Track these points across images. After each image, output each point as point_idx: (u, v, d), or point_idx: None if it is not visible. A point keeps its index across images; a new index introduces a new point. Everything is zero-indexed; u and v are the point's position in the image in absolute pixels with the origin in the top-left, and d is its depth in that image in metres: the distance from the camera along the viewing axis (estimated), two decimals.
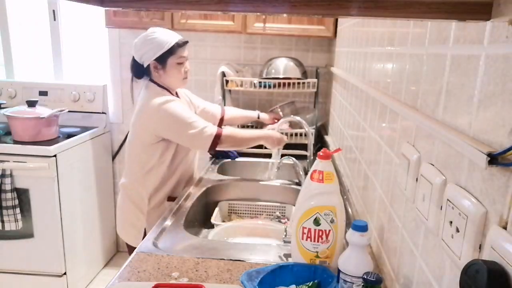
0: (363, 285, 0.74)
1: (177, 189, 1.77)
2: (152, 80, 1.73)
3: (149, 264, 1.07)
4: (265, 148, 2.14)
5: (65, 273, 2.37)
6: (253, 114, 2.20)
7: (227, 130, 1.69)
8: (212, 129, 1.64)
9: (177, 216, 1.42)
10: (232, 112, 2.11)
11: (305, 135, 2.03)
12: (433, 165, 0.69)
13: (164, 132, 1.65)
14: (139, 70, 1.73)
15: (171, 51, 1.66)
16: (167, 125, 1.63)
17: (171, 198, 1.74)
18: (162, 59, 1.67)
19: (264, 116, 2.22)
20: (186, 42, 1.73)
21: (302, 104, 2.68)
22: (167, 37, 1.67)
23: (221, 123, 2.01)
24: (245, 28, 2.34)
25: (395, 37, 1.00)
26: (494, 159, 0.47)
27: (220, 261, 1.10)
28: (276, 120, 2.21)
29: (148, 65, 1.69)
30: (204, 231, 1.60)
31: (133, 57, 1.72)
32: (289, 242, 1.09)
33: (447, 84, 0.65)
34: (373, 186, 1.14)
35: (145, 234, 1.72)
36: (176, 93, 1.82)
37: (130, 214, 1.78)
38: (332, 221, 0.99)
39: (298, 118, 1.91)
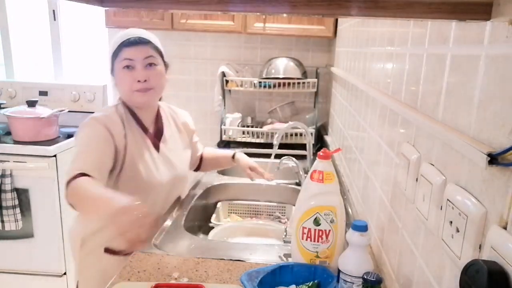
0: (363, 285, 0.74)
1: (122, 241, 1.17)
2: (120, 97, 1.38)
3: (149, 264, 1.07)
4: (264, 148, 2.14)
5: (65, 273, 2.37)
6: (228, 153, 1.65)
7: (85, 178, 1.11)
8: (73, 174, 1.11)
9: (177, 216, 1.42)
10: (208, 151, 1.67)
11: (301, 134, 2.01)
12: (433, 165, 0.69)
13: None
14: None
15: (116, 53, 1.28)
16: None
17: (110, 251, 1.30)
18: (111, 64, 1.32)
19: (241, 157, 1.62)
20: (134, 43, 1.26)
21: (302, 104, 2.68)
22: (120, 36, 1.30)
23: (200, 163, 1.63)
24: (245, 28, 2.34)
25: (395, 37, 1.00)
26: (494, 159, 0.47)
27: (220, 261, 1.10)
28: (253, 171, 1.59)
29: None
30: (204, 231, 1.60)
31: None
32: (289, 242, 1.09)
33: (447, 84, 0.65)
34: (373, 186, 1.14)
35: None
36: (158, 115, 1.40)
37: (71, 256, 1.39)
38: (332, 221, 0.99)
39: (293, 123, 1.83)
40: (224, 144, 2.41)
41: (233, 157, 1.63)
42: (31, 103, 2.39)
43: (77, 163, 1.15)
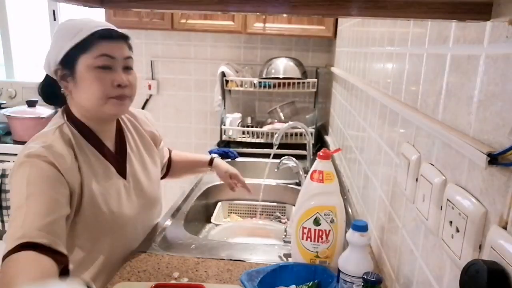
0: (363, 285, 0.74)
1: (98, 279, 1.04)
2: (67, 111, 1.05)
3: (149, 264, 1.07)
4: (264, 148, 2.14)
5: None
6: (203, 158, 1.51)
7: (19, 260, 0.77)
8: (12, 246, 0.79)
9: (177, 216, 1.42)
10: (179, 155, 1.48)
11: (301, 134, 2.01)
12: (433, 165, 0.69)
13: None
14: (47, 89, 1.08)
15: (84, 46, 0.98)
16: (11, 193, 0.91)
17: None
18: (69, 60, 0.99)
19: (221, 163, 1.50)
20: (116, 36, 1.01)
21: (302, 104, 2.68)
22: (86, 24, 0.99)
23: (169, 167, 1.44)
24: (245, 28, 2.34)
25: (395, 37, 1.00)
26: (494, 159, 0.47)
27: (220, 261, 1.10)
28: (234, 179, 1.53)
29: (58, 78, 1.03)
30: (204, 230, 1.60)
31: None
32: (289, 242, 1.09)
33: (447, 84, 0.65)
34: (373, 186, 1.14)
35: None
36: (119, 131, 1.13)
37: None
38: (332, 221, 0.99)
39: (289, 123, 1.84)
40: (224, 144, 2.41)
41: (210, 163, 1.49)
42: (31, 103, 2.39)
43: (17, 227, 0.81)
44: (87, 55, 0.98)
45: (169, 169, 1.43)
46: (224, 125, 2.45)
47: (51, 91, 1.07)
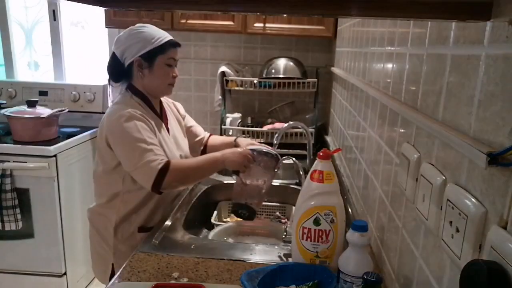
0: (363, 285, 0.74)
1: (152, 218, 1.50)
2: (130, 86, 1.51)
3: (149, 264, 1.07)
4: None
5: (65, 273, 2.37)
6: (230, 140, 1.81)
7: (175, 161, 1.39)
8: (160, 162, 1.33)
9: (177, 216, 1.42)
10: (213, 139, 1.84)
11: (301, 134, 2.01)
12: (433, 165, 0.69)
13: (117, 154, 1.40)
14: (117, 70, 1.50)
15: (161, 49, 1.45)
16: (118, 146, 1.39)
17: (143, 229, 1.47)
18: (149, 56, 1.44)
19: (241, 141, 1.76)
20: (179, 45, 1.51)
21: (302, 104, 2.68)
22: (159, 33, 1.47)
23: (204, 150, 1.77)
24: (245, 28, 2.34)
25: (395, 37, 1.00)
26: (494, 159, 0.47)
27: (220, 261, 1.10)
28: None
29: (130, 65, 1.46)
30: (204, 231, 1.60)
31: (113, 54, 1.49)
32: (289, 242, 1.09)
33: (447, 84, 0.65)
34: (373, 186, 1.14)
35: (113, 270, 1.48)
36: (160, 103, 1.60)
37: (96, 245, 1.56)
38: (332, 221, 0.99)
39: (290, 123, 1.83)
40: None
41: (234, 141, 1.76)
42: (31, 103, 2.39)
43: (154, 154, 1.34)
44: (162, 56, 1.46)
45: (205, 151, 1.77)
46: (224, 125, 2.45)
47: (117, 70, 1.49)
